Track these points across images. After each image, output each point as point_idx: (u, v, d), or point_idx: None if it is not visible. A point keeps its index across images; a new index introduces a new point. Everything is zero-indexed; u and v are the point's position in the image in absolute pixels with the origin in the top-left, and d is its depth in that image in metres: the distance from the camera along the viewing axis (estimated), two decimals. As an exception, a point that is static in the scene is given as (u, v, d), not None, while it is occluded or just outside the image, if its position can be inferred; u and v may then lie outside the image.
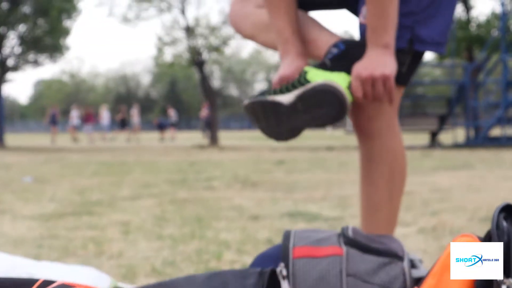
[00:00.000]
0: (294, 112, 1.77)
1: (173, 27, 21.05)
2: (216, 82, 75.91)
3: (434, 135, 16.84)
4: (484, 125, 16.14)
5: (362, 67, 1.77)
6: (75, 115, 28.90)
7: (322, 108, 1.75)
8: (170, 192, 5.52)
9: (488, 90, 17.18)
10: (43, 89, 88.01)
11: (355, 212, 4.07)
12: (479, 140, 15.74)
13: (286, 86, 1.81)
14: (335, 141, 22.16)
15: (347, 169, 8.05)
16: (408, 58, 1.85)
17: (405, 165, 1.94)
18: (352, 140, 20.15)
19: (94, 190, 5.76)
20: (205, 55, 20.56)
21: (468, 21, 19.18)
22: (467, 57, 19.16)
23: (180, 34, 21.07)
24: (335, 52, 1.83)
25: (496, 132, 16.73)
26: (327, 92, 1.73)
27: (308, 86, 1.76)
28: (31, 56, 21.58)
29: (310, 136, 29.01)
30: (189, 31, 20.23)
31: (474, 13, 20.10)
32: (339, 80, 1.77)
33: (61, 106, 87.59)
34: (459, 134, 16.82)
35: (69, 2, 20.69)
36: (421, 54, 1.87)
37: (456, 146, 15.71)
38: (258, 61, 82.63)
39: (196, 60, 20.30)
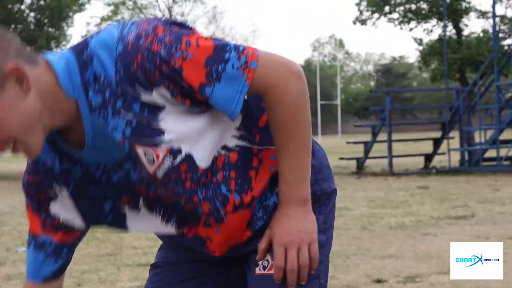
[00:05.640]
0: None
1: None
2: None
3: (428, 159, 16.77)
4: (479, 148, 16.09)
5: (285, 232, 1.56)
6: None
7: None
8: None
9: (481, 114, 17.19)
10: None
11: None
12: (474, 165, 15.67)
13: None
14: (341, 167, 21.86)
15: (373, 231, 7.69)
16: None
17: None
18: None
19: (92, 275, 5.60)
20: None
21: (459, 43, 19.09)
22: (459, 78, 19.05)
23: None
24: None
25: (491, 151, 16.69)
26: None
27: None
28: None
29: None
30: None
31: (465, 31, 20.02)
32: None
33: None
34: (453, 156, 16.73)
35: (58, 29, 20.44)
36: None
37: (451, 171, 15.62)
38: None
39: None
